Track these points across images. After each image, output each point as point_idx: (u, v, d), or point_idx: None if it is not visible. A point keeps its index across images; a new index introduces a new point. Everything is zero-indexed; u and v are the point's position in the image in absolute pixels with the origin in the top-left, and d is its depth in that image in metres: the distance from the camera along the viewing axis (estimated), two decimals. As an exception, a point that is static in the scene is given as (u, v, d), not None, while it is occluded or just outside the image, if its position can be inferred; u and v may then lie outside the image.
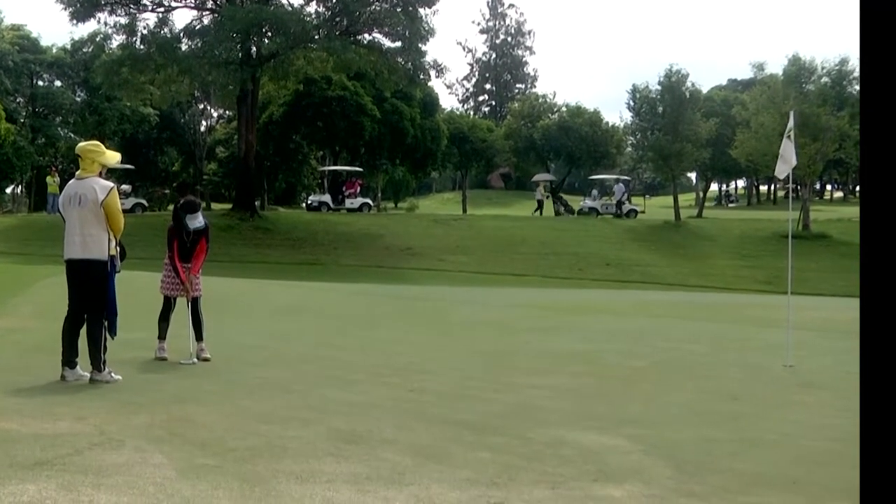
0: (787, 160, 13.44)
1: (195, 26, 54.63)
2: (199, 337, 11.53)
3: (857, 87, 61.46)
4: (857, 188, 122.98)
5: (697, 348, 14.76)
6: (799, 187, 71.58)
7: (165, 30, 54.75)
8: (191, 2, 56.10)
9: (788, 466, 6.80)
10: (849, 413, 9.04)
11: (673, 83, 62.37)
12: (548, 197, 70.34)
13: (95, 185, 9.47)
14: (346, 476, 6.06)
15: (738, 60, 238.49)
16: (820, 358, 13.74)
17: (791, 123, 13.63)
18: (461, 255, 50.09)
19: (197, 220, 11.54)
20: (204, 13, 55.82)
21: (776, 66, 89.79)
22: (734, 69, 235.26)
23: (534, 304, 24.28)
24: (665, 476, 6.35)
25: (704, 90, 75.46)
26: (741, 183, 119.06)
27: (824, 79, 60.88)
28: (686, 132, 61.37)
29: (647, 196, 74.70)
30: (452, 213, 73.00)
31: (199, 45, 53.73)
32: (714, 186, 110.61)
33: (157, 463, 6.22)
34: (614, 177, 73.21)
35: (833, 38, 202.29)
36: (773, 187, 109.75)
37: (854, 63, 62.14)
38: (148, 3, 54.80)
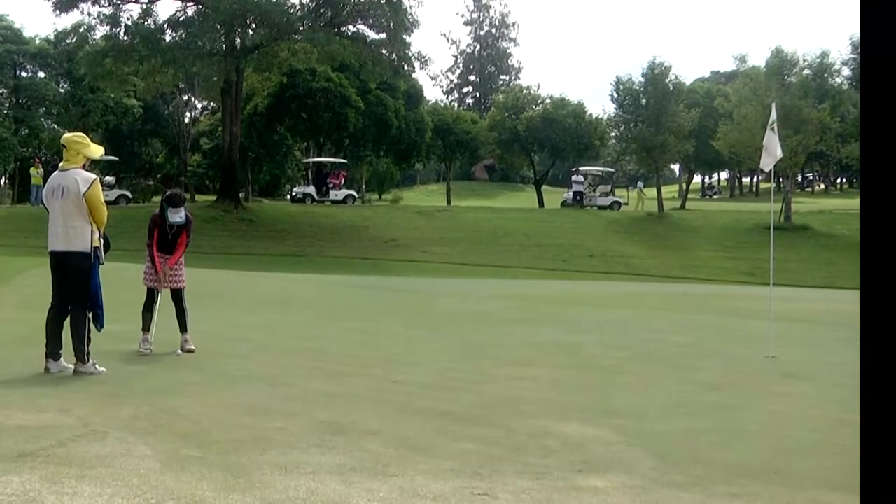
0: (771, 152, 13.47)
1: (179, 17, 54.41)
2: (183, 329, 11.51)
3: (838, 80, 61.83)
4: (839, 180, 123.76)
5: (680, 339, 14.79)
6: (781, 179, 71.76)
7: (149, 21, 54.39)
8: (175, -8, 55.88)
9: (770, 457, 6.82)
10: (829, 404, 9.09)
11: (656, 75, 62.42)
12: (588, 188, 70.06)
13: (78, 177, 9.42)
14: (330, 467, 6.05)
15: (721, 52, 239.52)
16: (801, 349, 13.80)
17: (774, 115, 13.66)
18: (445, 247, 50.08)
19: (178, 215, 11.46)
20: (188, 4, 55.52)
21: (759, 59, 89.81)
22: (717, 61, 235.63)
23: (517, 295, 24.31)
24: (648, 466, 6.36)
25: (687, 82, 75.59)
26: (724, 175, 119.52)
27: (806, 71, 61.03)
28: (669, 124, 61.44)
29: (629, 188, 74.71)
30: (436, 204, 72.93)
31: (183, 36, 53.50)
32: (697, 178, 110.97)
33: (141, 455, 6.19)
34: (598, 169, 73.26)
35: (814, 30, 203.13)
36: (755, 179, 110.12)
37: (835, 56, 62.48)
38: (132, -7, 54.51)
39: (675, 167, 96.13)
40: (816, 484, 6.05)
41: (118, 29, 53.73)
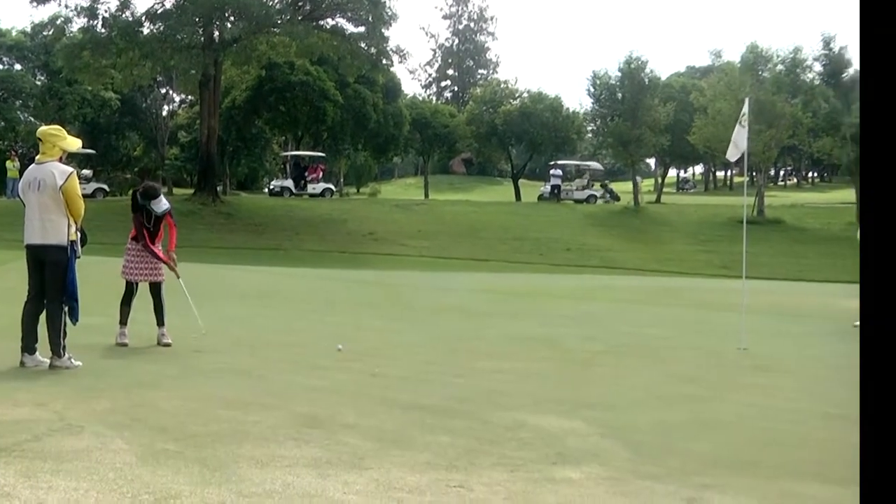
0: (738, 145, 13.59)
1: (157, 10, 54.04)
2: (160, 322, 11.46)
3: (810, 76, 62.07)
4: (810, 174, 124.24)
5: (655, 332, 14.86)
6: (755, 174, 72.08)
7: (127, 13, 54.05)
8: (153, -15, 55.55)
9: (743, 448, 6.86)
10: (801, 395, 9.15)
11: (632, 70, 62.58)
12: (593, 185, 70.27)
13: (55, 170, 9.35)
14: (306, 460, 6.03)
15: (697, 48, 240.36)
16: (773, 341, 13.89)
17: (746, 110, 13.74)
18: (423, 241, 50.06)
19: (162, 204, 11.47)
20: (166, -3, 55.34)
21: (734, 54, 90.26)
22: (692, 56, 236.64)
23: (495, 288, 24.35)
24: (622, 458, 6.38)
25: (663, 77, 75.76)
26: (699, 169, 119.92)
27: (779, 67, 61.25)
28: (645, 118, 61.64)
29: (606, 182, 74.90)
30: (414, 198, 72.94)
31: (161, 29, 53.25)
32: (672, 172, 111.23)
33: (118, 448, 6.16)
34: (575, 163, 73.41)
35: (788, 26, 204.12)
36: (729, 173, 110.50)
37: (807, 52, 62.63)
38: (110, -14, 54.15)
39: (651, 161, 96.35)
40: (788, 474, 6.09)
41: (96, 21, 53.42)
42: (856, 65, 79.31)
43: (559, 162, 72.35)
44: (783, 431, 7.46)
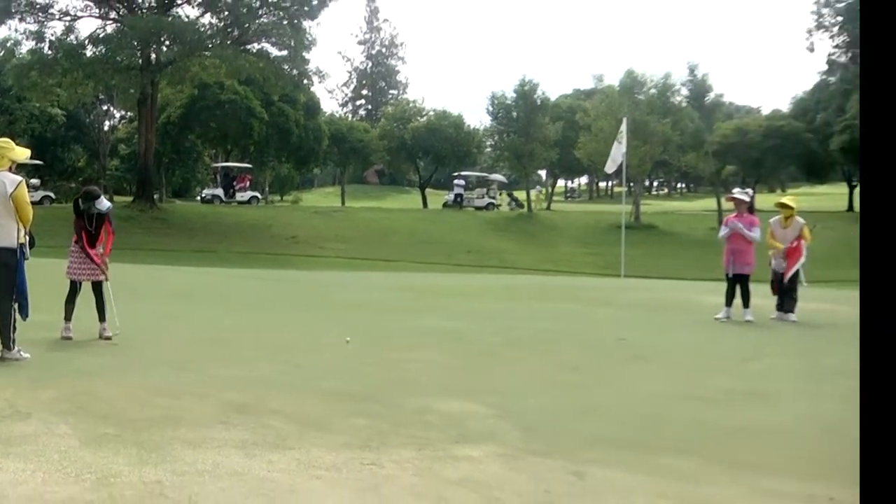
0: (614, 159, 13.83)
1: (99, 34, 53.72)
2: (102, 318, 11.25)
3: (678, 98, 63.27)
4: (679, 185, 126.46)
5: (546, 325, 14.94)
6: (632, 184, 73.14)
7: (72, 37, 53.54)
8: (95, 11, 55.06)
9: (620, 427, 6.96)
10: (673, 380, 9.32)
11: (526, 91, 63.13)
12: (500, 194, 70.59)
13: (5, 179, 9.15)
14: (234, 442, 5.99)
15: (582, 72, 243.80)
16: (647, 332, 14.06)
17: (623, 128, 13.99)
18: (340, 243, 49.91)
19: (101, 204, 11.29)
20: (107, 22, 55.05)
21: (614, 78, 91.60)
22: (578, 79, 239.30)
23: (405, 287, 24.31)
24: (516, 437, 6.44)
25: (553, 98, 76.55)
26: (584, 179, 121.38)
27: (652, 90, 62.32)
28: (537, 135, 62.23)
29: (503, 191, 75.40)
30: (332, 205, 72.76)
31: (103, 51, 52.86)
32: (561, 182, 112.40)
33: (62, 433, 6.06)
34: (477, 174, 73.77)
35: (659, 54, 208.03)
36: (610, 184, 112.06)
37: (676, 77, 63.89)
38: (56, 12, 53.51)
39: (543, 172, 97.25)
40: (658, 450, 6.20)
41: (43, 44, 52.84)
42: (716, 89, 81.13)
43: (462, 173, 72.76)
44: (655, 413, 7.59)
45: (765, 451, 6.19)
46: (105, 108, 76.39)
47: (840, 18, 57.96)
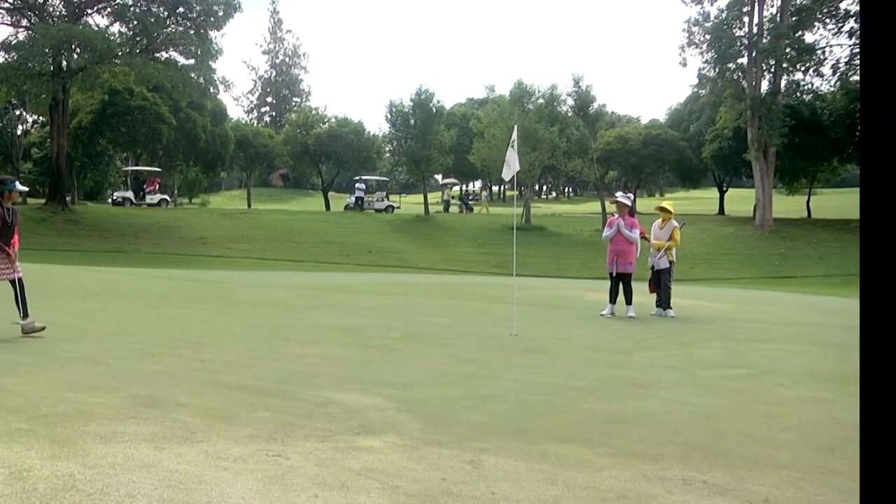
0: (510, 165, 13.89)
1: (11, 41, 52.93)
2: (23, 314, 11.04)
3: (564, 108, 64.21)
4: (566, 189, 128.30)
5: (442, 321, 15.03)
6: (523, 188, 73.94)
7: (-17, 44, 52.07)
8: (7, 19, 53.96)
9: (512, 417, 7.03)
10: (559, 372, 9.46)
11: (422, 100, 63.22)
12: (453, 197, 70.41)
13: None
14: (144, 436, 5.89)
15: (475, 82, 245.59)
16: (536, 327, 14.24)
17: (515, 135, 14.09)
18: (246, 244, 49.31)
19: (18, 185, 11.33)
20: (19, 30, 54.09)
21: (505, 88, 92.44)
22: (471, 89, 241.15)
23: (308, 285, 24.17)
24: (415, 428, 6.46)
25: (448, 106, 76.92)
26: (478, 184, 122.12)
27: (540, 100, 63.09)
28: (433, 141, 62.36)
29: (402, 194, 75.47)
30: (239, 208, 71.86)
31: (15, 58, 51.87)
32: (456, 187, 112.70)
33: (-27, 431, 5.88)
34: (375, 177, 73.79)
35: (546, 66, 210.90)
36: (503, 188, 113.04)
37: (562, 88, 64.85)
38: (-32, 20, 51.94)
39: (439, 177, 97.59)
40: (547, 438, 6.29)
41: (-45, 50, 51.34)
42: (599, 100, 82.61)
43: (363, 177, 72.69)
44: (544, 402, 7.69)
45: (646, 438, 6.33)
46: (18, 112, 74.57)
47: (708, 36, 59.67)
